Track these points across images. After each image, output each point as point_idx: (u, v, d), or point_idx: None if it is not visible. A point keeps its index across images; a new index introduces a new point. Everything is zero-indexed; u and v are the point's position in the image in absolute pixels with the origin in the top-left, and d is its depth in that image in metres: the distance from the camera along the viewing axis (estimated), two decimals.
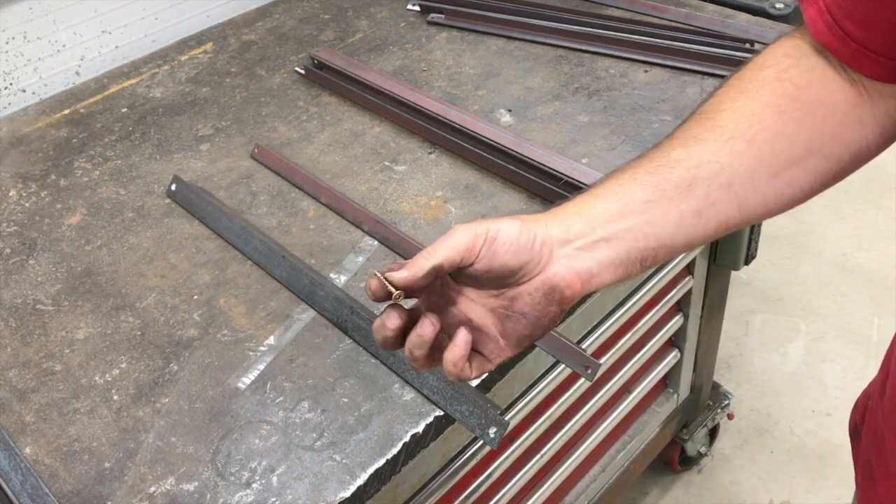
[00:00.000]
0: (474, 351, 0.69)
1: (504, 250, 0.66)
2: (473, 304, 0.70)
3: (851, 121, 0.71)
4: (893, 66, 0.68)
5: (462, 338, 0.67)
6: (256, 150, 1.41)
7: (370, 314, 1.06)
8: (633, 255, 0.69)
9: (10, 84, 1.63)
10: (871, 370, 2.29)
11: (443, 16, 1.73)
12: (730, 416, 2.10)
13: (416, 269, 0.64)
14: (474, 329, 0.69)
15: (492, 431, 0.89)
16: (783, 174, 0.71)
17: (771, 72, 0.74)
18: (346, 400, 0.99)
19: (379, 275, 0.65)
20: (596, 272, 0.68)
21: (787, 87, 0.72)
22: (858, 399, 0.93)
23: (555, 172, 1.24)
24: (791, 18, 1.58)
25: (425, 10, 1.76)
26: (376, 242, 1.21)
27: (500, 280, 0.68)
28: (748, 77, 0.75)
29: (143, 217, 1.31)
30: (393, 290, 0.65)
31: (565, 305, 0.69)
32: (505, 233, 0.66)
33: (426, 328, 0.66)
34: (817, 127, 0.71)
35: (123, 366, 1.06)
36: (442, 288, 0.70)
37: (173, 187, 1.33)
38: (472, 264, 0.66)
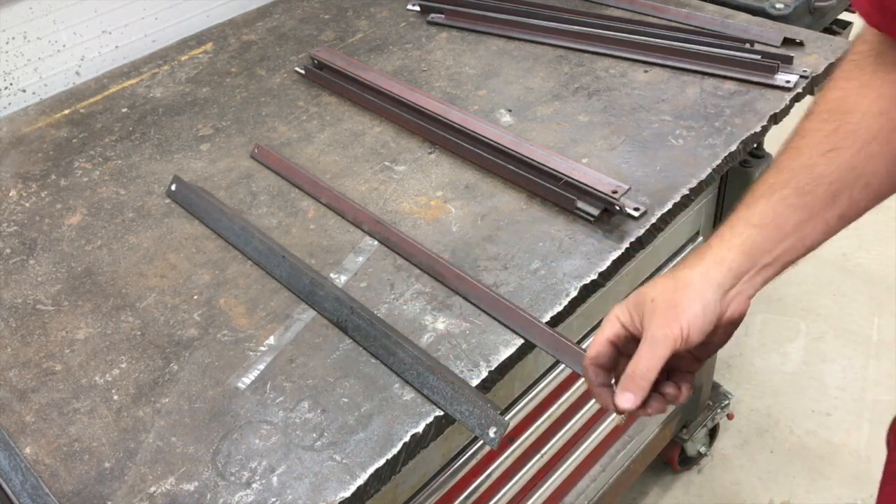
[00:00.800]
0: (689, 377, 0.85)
1: (696, 336, 0.77)
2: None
3: None
4: None
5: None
6: (256, 150, 1.41)
7: (370, 314, 1.07)
8: (786, 266, 0.79)
9: (11, 84, 1.63)
10: (871, 370, 2.29)
11: (443, 16, 1.73)
12: (730, 416, 2.10)
13: (641, 391, 0.78)
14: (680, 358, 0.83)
15: (492, 431, 0.89)
16: None
17: (890, 58, 0.73)
18: (346, 400, 0.99)
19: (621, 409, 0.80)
20: (760, 287, 0.79)
21: None
22: None
23: (555, 172, 1.24)
24: (791, 18, 1.58)
25: (425, 10, 1.76)
26: (376, 242, 1.21)
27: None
28: (869, 67, 0.74)
29: (143, 217, 1.31)
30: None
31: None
32: (694, 326, 0.76)
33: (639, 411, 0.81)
34: None
35: (123, 366, 1.07)
36: None
37: (173, 187, 1.33)
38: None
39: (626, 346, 0.81)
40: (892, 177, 0.75)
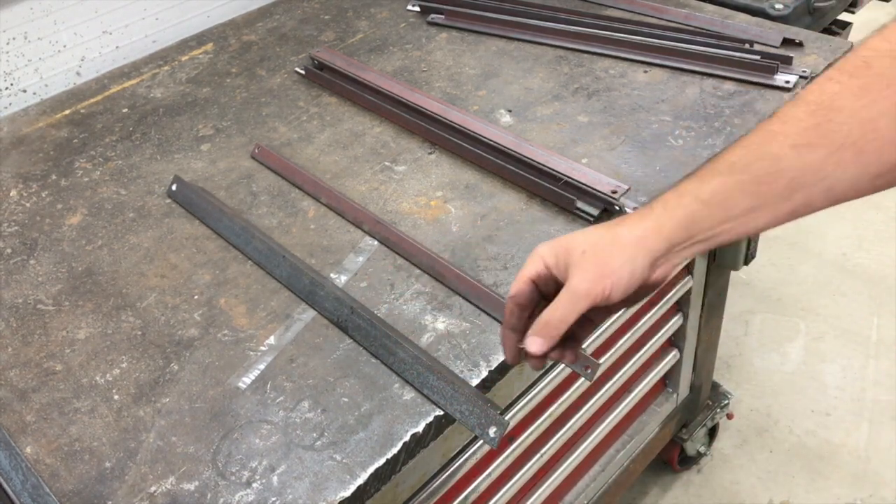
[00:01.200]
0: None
1: (617, 296, 0.76)
2: None
3: None
4: None
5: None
6: (257, 151, 1.41)
7: (370, 314, 1.07)
8: (722, 243, 0.76)
9: (11, 84, 1.63)
10: (871, 370, 2.29)
11: (443, 16, 1.73)
12: (729, 416, 2.10)
13: (551, 338, 0.78)
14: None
15: (492, 431, 0.89)
16: (886, 175, 0.71)
17: None
18: (346, 400, 0.99)
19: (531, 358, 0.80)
20: (688, 259, 0.79)
21: None
22: None
23: (555, 172, 1.24)
24: (790, 19, 1.58)
25: (425, 11, 1.77)
26: (376, 242, 1.21)
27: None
28: (878, 68, 0.69)
29: (143, 217, 1.31)
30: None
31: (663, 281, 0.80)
32: (618, 287, 0.76)
33: (539, 363, 0.81)
34: None
35: (124, 365, 1.07)
36: None
37: (174, 187, 1.33)
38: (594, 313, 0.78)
39: (545, 286, 0.80)
40: (857, 189, 0.71)
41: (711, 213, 0.74)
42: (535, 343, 0.78)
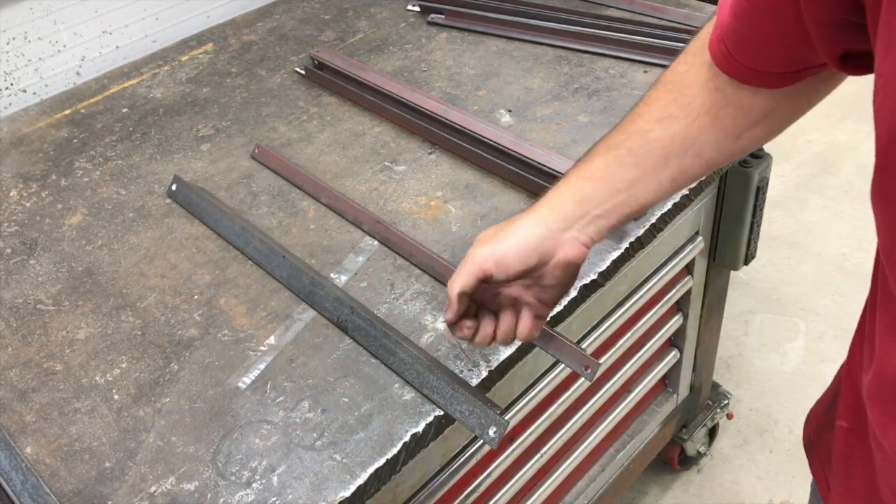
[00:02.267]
0: (532, 318, 0.88)
1: (512, 263, 0.81)
2: (514, 287, 0.86)
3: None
4: (789, 75, 0.74)
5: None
6: (257, 151, 1.41)
7: (370, 314, 1.07)
8: (622, 219, 0.83)
9: (11, 84, 1.63)
10: None
11: (443, 16, 1.73)
12: (729, 416, 2.10)
13: (452, 305, 0.85)
14: (519, 301, 0.87)
15: (492, 431, 0.89)
16: (744, 135, 0.80)
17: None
18: (346, 399, 0.99)
19: (448, 325, 0.88)
20: (596, 238, 0.83)
21: None
22: (810, 414, 0.96)
23: (555, 172, 1.24)
24: None
25: (425, 11, 1.77)
26: (376, 242, 1.21)
27: (524, 275, 0.83)
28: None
29: (143, 217, 1.31)
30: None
31: (579, 267, 0.85)
32: (509, 251, 0.81)
33: (465, 333, 0.88)
34: (774, 96, 0.77)
35: (124, 365, 1.07)
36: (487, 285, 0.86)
37: (174, 187, 1.33)
38: (491, 279, 0.82)
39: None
40: (722, 151, 0.80)
41: (597, 188, 0.81)
42: (447, 313, 0.86)
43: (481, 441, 1.11)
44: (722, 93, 0.77)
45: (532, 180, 1.26)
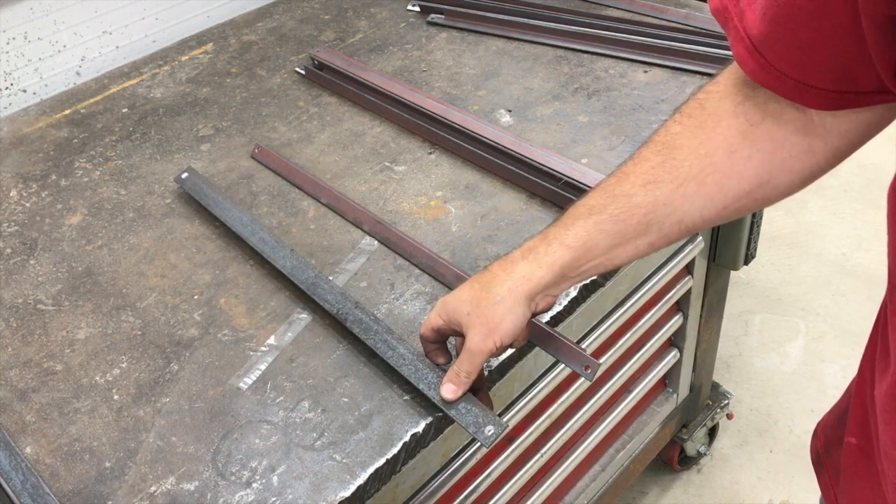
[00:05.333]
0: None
1: (510, 342, 0.88)
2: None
3: (801, 151, 0.73)
4: (834, 96, 0.68)
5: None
6: (257, 151, 1.41)
7: (371, 314, 1.07)
8: (592, 276, 0.87)
9: (11, 84, 1.63)
10: None
11: (443, 16, 1.73)
12: (729, 416, 2.10)
13: (463, 387, 0.91)
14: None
15: (488, 430, 0.88)
16: (731, 206, 0.78)
17: (728, 105, 0.75)
18: (346, 399, 0.99)
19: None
20: (563, 291, 0.88)
21: (740, 124, 0.74)
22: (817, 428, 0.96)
23: (554, 172, 1.24)
24: None
25: (425, 11, 1.77)
26: (376, 242, 1.21)
27: None
28: (710, 108, 0.77)
29: (143, 217, 1.31)
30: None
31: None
32: (507, 335, 0.86)
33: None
34: (766, 163, 0.74)
35: (124, 365, 1.07)
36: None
37: (184, 175, 1.33)
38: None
39: (448, 331, 0.92)
40: (705, 219, 0.78)
41: (577, 257, 0.83)
42: (449, 390, 0.90)
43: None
44: (710, 159, 0.75)
45: (532, 180, 1.26)
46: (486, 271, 0.88)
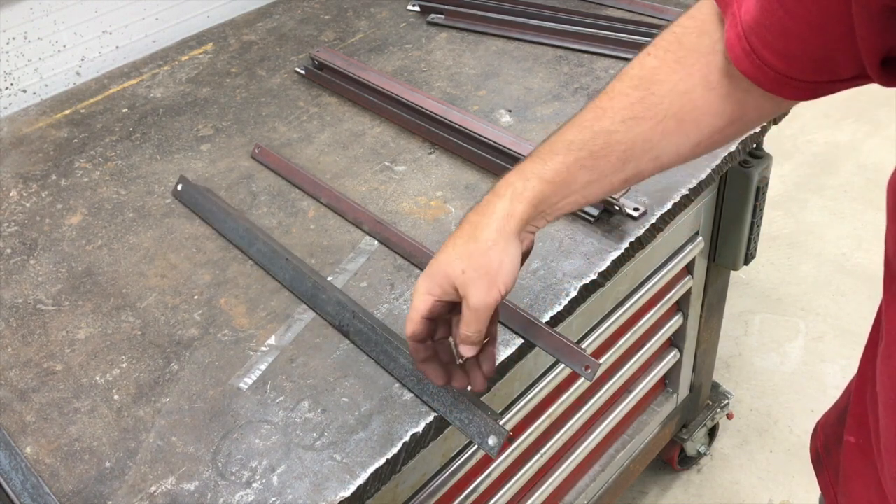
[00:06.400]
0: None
1: (512, 286, 0.82)
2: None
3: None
4: (811, 87, 0.69)
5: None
6: (257, 151, 1.41)
7: (372, 319, 1.07)
8: (566, 212, 0.84)
9: (11, 84, 1.63)
10: None
11: (443, 16, 1.73)
12: (729, 416, 2.10)
13: (476, 346, 0.85)
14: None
15: (491, 440, 0.88)
16: (704, 142, 0.78)
17: (707, 41, 0.75)
18: (346, 399, 0.99)
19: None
20: (541, 227, 0.85)
21: (720, 61, 0.74)
22: (817, 427, 0.95)
23: None
24: None
25: (425, 11, 1.77)
26: (376, 242, 1.21)
27: None
28: (688, 44, 0.76)
29: (143, 217, 1.31)
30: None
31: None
32: (509, 281, 0.81)
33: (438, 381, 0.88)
34: (741, 101, 0.75)
35: (124, 365, 1.07)
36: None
37: (179, 187, 1.33)
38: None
39: (440, 313, 0.85)
40: (680, 155, 0.79)
41: (556, 191, 0.81)
42: (467, 350, 0.84)
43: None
44: (689, 96, 0.75)
45: None
46: (465, 223, 0.83)
